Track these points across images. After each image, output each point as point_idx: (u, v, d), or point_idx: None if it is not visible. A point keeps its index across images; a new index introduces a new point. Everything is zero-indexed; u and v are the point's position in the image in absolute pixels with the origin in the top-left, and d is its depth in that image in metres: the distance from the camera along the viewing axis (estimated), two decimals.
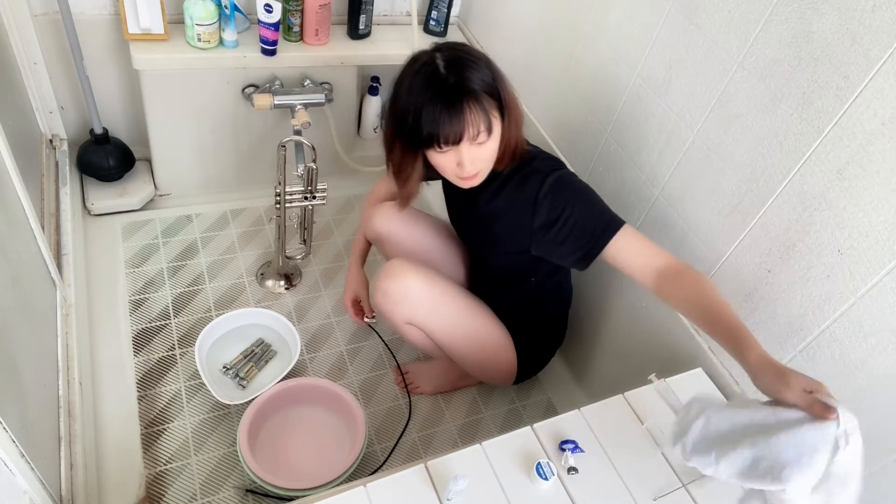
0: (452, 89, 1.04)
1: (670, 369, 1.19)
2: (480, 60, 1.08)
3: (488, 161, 1.13)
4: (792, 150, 1.00)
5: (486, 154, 1.11)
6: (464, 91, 1.04)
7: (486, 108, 1.05)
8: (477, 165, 1.11)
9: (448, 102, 1.03)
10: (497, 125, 1.09)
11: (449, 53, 1.08)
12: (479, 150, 1.09)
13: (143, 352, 1.53)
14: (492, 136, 1.08)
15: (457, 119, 1.04)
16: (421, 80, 1.06)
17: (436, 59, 1.07)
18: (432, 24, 1.94)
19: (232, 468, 1.36)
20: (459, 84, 1.04)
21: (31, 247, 1.29)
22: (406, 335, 1.41)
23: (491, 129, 1.07)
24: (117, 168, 1.78)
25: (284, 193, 1.56)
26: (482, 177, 1.16)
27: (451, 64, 1.06)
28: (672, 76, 1.22)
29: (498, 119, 1.09)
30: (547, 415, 1.33)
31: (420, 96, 1.05)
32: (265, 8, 1.56)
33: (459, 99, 1.03)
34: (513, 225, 1.22)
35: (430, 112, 1.04)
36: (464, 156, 1.08)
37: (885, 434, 0.92)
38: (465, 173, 1.11)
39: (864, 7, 0.87)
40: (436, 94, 1.04)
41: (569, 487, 0.96)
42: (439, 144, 1.06)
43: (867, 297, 0.92)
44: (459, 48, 1.11)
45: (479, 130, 1.05)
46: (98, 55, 1.66)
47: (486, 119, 1.05)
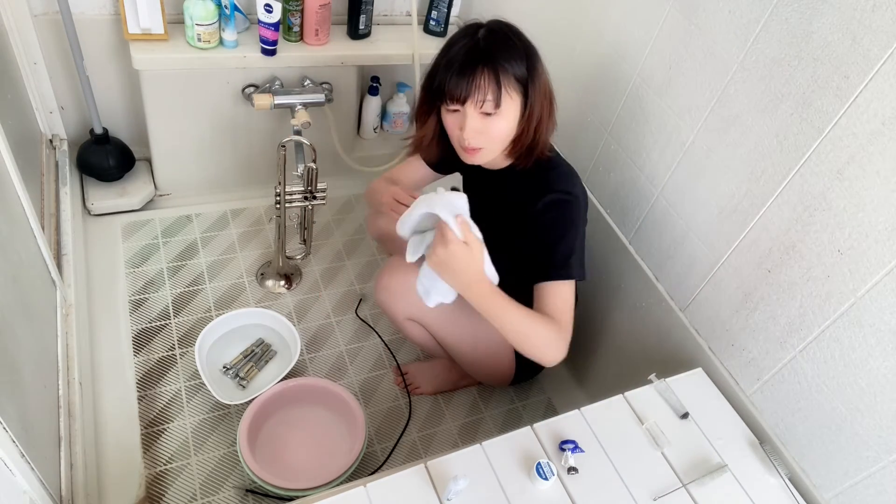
0: (475, 50, 1.06)
1: (670, 369, 1.19)
2: (523, 48, 1.08)
3: (495, 141, 1.12)
4: (792, 150, 1.00)
5: (493, 132, 1.10)
6: (484, 56, 1.05)
7: (500, 82, 1.05)
8: (479, 140, 1.10)
9: (465, 60, 1.06)
10: (510, 105, 1.08)
11: (497, 27, 1.09)
12: (484, 122, 1.08)
13: (143, 352, 1.53)
14: (501, 113, 1.08)
15: (466, 78, 1.05)
16: (458, 36, 1.10)
17: (482, 26, 1.09)
18: (432, 24, 1.94)
19: (232, 468, 1.36)
20: (485, 50, 1.05)
21: (31, 247, 1.29)
22: (406, 331, 1.41)
23: (500, 104, 1.06)
24: (117, 168, 1.78)
25: (284, 193, 1.56)
26: (485, 157, 1.15)
27: (492, 33, 1.08)
28: (672, 76, 1.22)
29: (514, 101, 1.08)
30: (547, 415, 1.33)
31: (449, 49, 1.09)
32: (265, 8, 1.56)
33: (476, 61, 1.05)
34: (513, 226, 1.22)
35: (449, 64, 1.07)
36: (467, 120, 1.08)
37: (885, 434, 0.92)
38: (465, 142, 1.11)
39: (864, 7, 0.87)
40: (460, 49, 1.07)
41: (569, 487, 0.96)
42: (446, 98, 1.09)
43: (867, 297, 0.92)
44: (511, 31, 1.10)
45: (485, 98, 1.05)
46: (98, 55, 1.66)
47: (496, 90, 1.05)
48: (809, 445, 1.05)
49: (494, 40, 1.07)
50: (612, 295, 1.47)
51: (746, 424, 1.12)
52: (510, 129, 1.11)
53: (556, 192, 1.14)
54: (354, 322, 1.71)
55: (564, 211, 1.15)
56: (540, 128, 1.13)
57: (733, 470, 1.03)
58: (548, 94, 1.12)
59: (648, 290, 1.36)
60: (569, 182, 1.17)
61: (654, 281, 1.35)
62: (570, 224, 1.15)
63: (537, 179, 1.17)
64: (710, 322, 1.22)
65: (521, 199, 1.19)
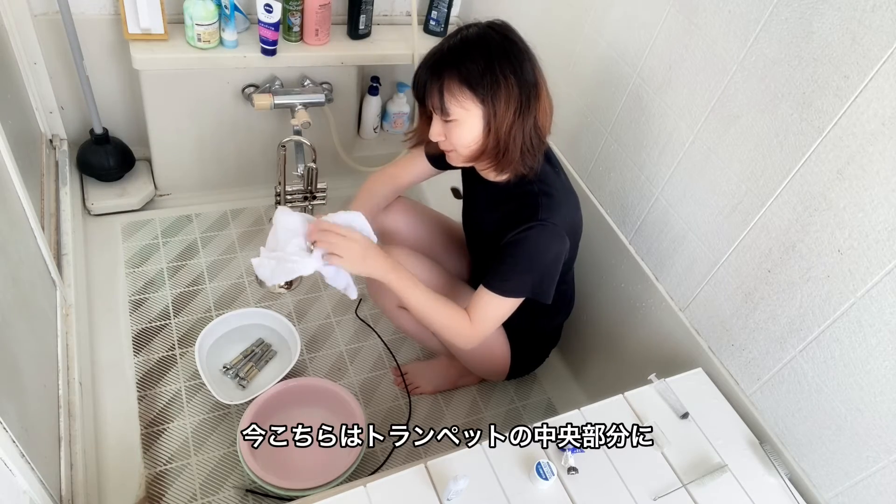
0: (437, 55, 1.07)
1: (670, 369, 1.19)
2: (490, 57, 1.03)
3: (459, 147, 1.12)
4: (792, 150, 1.00)
5: (454, 139, 1.10)
6: (440, 64, 1.06)
7: (445, 91, 1.05)
8: (446, 144, 1.13)
9: (426, 64, 1.08)
10: (464, 115, 1.06)
11: (474, 33, 1.07)
12: (445, 127, 1.10)
13: (143, 352, 1.52)
14: (457, 124, 1.07)
15: (421, 83, 1.08)
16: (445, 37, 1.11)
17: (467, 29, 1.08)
18: (432, 24, 1.94)
19: (232, 468, 1.36)
20: (440, 59, 1.06)
21: (31, 247, 1.29)
22: (398, 321, 1.42)
23: (446, 112, 1.06)
24: (117, 168, 1.78)
25: (284, 193, 1.56)
26: (456, 159, 1.16)
27: (465, 40, 1.07)
28: (672, 76, 1.22)
29: (469, 110, 1.06)
30: (547, 415, 1.33)
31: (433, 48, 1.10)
32: (265, 8, 1.56)
33: (431, 68, 1.07)
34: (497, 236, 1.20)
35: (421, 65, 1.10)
36: (432, 123, 1.11)
37: (885, 434, 0.92)
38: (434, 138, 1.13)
39: (864, 7, 0.87)
40: (433, 52, 1.08)
41: (569, 487, 0.96)
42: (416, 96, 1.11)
43: (867, 297, 0.92)
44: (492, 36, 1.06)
45: (434, 106, 1.07)
46: (98, 55, 1.65)
47: (440, 101, 1.06)
48: (809, 445, 1.05)
49: (459, 47, 1.06)
50: (612, 295, 1.47)
51: (746, 424, 1.12)
52: (471, 137, 1.09)
53: (534, 222, 1.10)
54: (354, 322, 1.71)
55: (532, 238, 1.11)
56: (509, 139, 1.07)
57: (733, 470, 1.03)
58: (517, 102, 1.05)
59: (648, 290, 1.36)
60: (553, 211, 1.12)
61: (654, 281, 1.35)
62: (534, 250, 1.12)
63: (523, 205, 1.13)
64: (710, 322, 1.22)
65: (503, 220, 1.17)
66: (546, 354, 1.53)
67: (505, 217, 1.17)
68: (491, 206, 1.24)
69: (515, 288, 1.14)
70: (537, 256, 1.13)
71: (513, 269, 1.14)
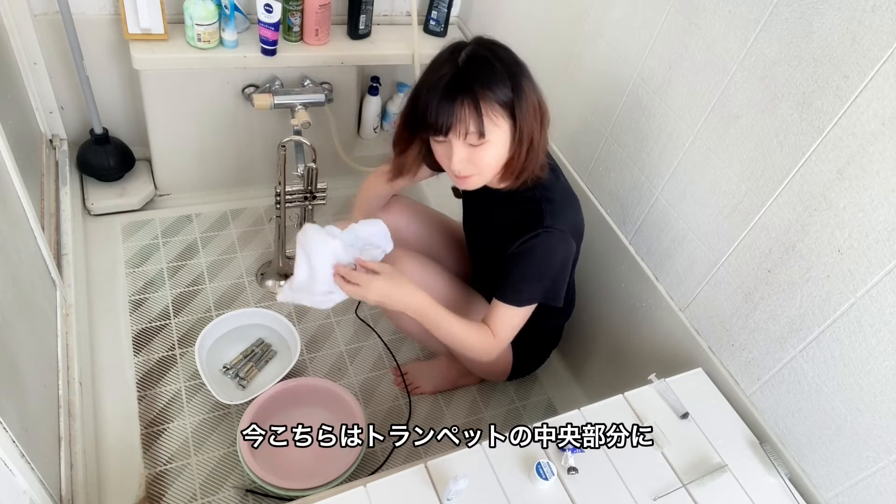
0: (455, 79, 1.01)
1: (670, 369, 1.19)
2: (506, 69, 1.02)
3: (486, 169, 1.08)
4: (792, 150, 1.00)
5: (483, 161, 1.06)
6: (464, 86, 1.00)
7: (483, 112, 1.00)
8: (469, 168, 1.07)
9: (445, 90, 1.01)
10: (497, 133, 1.03)
11: (478, 50, 1.04)
12: (472, 152, 1.05)
13: (143, 352, 1.52)
14: (489, 143, 1.03)
15: (446, 110, 1.01)
16: (440, 62, 1.05)
17: (464, 49, 1.04)
18: (432, 24, 1.94)
19: (232, 468, 1.36)
20: (464, 79, 1.01)
21: (31, 247, 1.29)
22: (400, 322, 1.42)
23: (484, 134, 1.01)
24: (117, 168, 1.78)
25: (284, 193, 1.56)
26: (478, 183, 1.11)
27: (472, 59, 1.03)
28: (672, 76, 1.22)
29: (501, 127, 1.03)
30: (547, 415, 1.33)
31: (430, 76, 1.04)
32: (265, 8, 1.56)
33: (455, 92, 1.00)
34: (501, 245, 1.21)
35: (429, 95, 1.02)
36: (454, 151, 1.05)
37: (885, 434, 0.92)
38: (454, 170, 1.08)
39: (864, 7, 0.87)
40: (440, 78, 1.02)
41: (569, 487, 0.96)
42: (429, 130, 1.05)
43: (867, 297, 0.92)
44: (492, 51, 1.05)
45: (467, 131, 1.01)
46: (98, 55, 1.65)
47: (478, 122, 1.00)
48: (809, 445, 1.05)
49: (475, 66, 1.02)
50: (612, 295, 1.47)
51: (746, 424, 1.12)
52: (500, 155, 1.07)
53: (539, 229, 1.11)
54: (354, 322, 1.71)
55: (539, 245, 1.12)
56: (532, 147, 1.08)
57: (733, 470, 1.03)
58: (538, 110, 1.06)
59: (648, 290, 1.36)
60: (557, 217, 1.12)
61: (654, 281, 1.35)
62: (542, 257, 1.13)
63: (527, 212, 1.13)
64: (710, 322, 1.22)
65: (507, 228, 1.17)
66: (547, 355, 1.53)
67: (508, 225, 1.17)
68: (492, 213, 1.24)
69: (529, 297, 1.16)
70: (546, 263, 1.14)
71: (523, 279, 1.15)
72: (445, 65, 1.03)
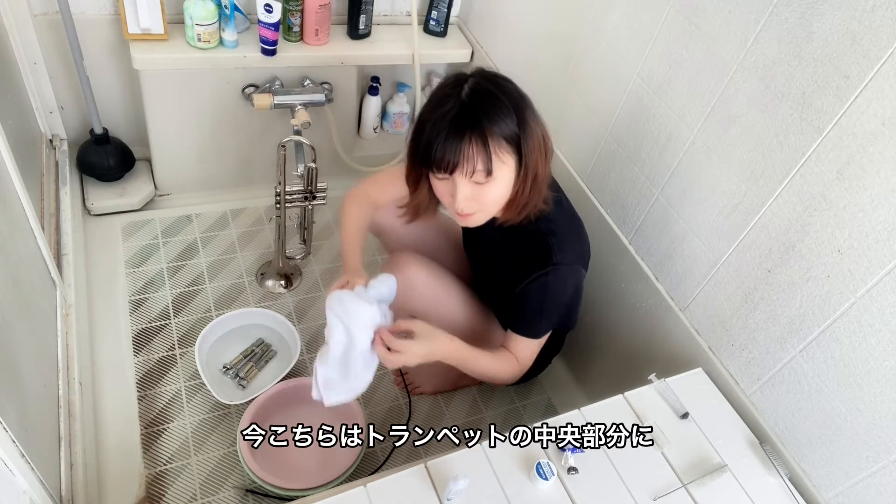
0: (460, 116, 0.98)
1: (670, 369, 1.19)
2: (511, 101, 1.00)
3: (490, 206, 1.06)
4: (792, 150, 1.00)
5: (488, 198, 1.04)
6: (471, 123, 0.97)
7: (491, 149, 0.98)
8: (472, 206, 1.05)
9: (451, 127, 0.98)
10: (505, 172, 1.01)
11: (482, 84, 1.01)
12: (477, 189, 1.02)
13: (143, 352, 1.52)
14: (495, 181, 1.01)
15: (453, 148, 0.98)
16: (442, 96, 1.01)
17: (466, 82, 1.01)
18: (432, 24, 1.94)
19: (232, 468, 1.36)
20: (470, 114, 0.98)
21: (31, 247, 1.29)
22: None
23: (491, 172, 0.99)
24: (117, 168, 1.78)
25: (284, 193, 1.56)
26: (481, 220, 1.09)
27: (476, 92, 1.00)
28: (672, 76, 1.22)
29: (507, 164, 1.01)
30: (547, 415, 1.33)
31: (434, 111, 1.01)
32: (265, 8, 1.56)
33: (463, 129, 0.97)
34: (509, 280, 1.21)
35: (434, 131, 0.99)
36: (458, 189, 1.02)
37: (885, 434, 0.92)
38: (457, 208, 1.05)
39: (864, 7, 0.87)
40: (444, 114, 0.99)
41: (569, 487, 0.96)
42: (433, 167, 1.02)
43: (867, 297, 0.92)
44: (496, 84, 1.02)
45: (475, 168, 0.98)
46: (98, 55, 1.65)
47: (486, 159, 0.98)
48: (809, 445, 1.05)
49: (480, 101, 0.99)
50: (612, 295, 1.47)
51: (746, 424, 1.12)
52: (505, 191, 1.05)
53: (547, 268, 1.10)
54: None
55: (550, 283, 1.12)
56: (536, 181, 1.05)
57: (733, 470, 1.03)
58: (542, 144, 1.04)
59: (648, 290, 1.36)
60: (565, 250, 1.11)
61: (654, 281, 1.35)
62: (554, 293, 1.14)
63: (534, 249, 1.12)
64: (710, 322, 1.22)
65: (513, 263, 1.17)
66: (549, 361, 1.53)
67: (515, 261, 1.17)
68: (496, 246, 1.22)
69: (546, 328, 1.19)
70: (559, 297, 1.16)
71: (539, 314, 1.16)
72: (449, 100, 1.00)
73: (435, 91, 1.05)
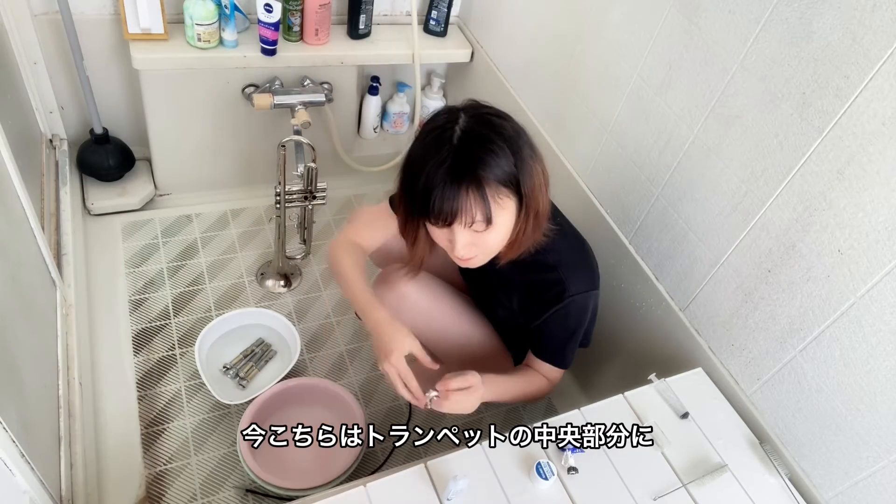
0: (455, 166, 0.92)
1: (670, 369, 1.19)
2: (506, 141, 0.94)
3: (491, 249, 1.03)
4: (792, 150, 1.00)
5: (488, 243, 1.00)
6: (467, 173, 0.92)
7: (489, 198, 0.93)
8: (472, 251, 1.01)
9: (447, 178, 0.92)
10: (504, 216, 0.97)
11: (472, 123, 0.96)
12: (477, 236, 0.98)
13: (143, 352, 1.52)
14: (495, 226, 0.97)
15: (450, 200, 0.93)
16: (433, 138, 0.96)
17: (456, 125, 0.95)
18: (432, 23, 1.94)
19: (232, 468, 1.36)
20: (465, 163, 0.92)
21: (31, 247, 1.29)
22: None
23: (491, 220, 0.95)
24: (117, 168, 1.78)
25: (284, 193, 1.56)
26: (480, 262, 1.06)
27: (469, 137, 0.94)
28: (672, 76, 1.22)
29: (508, 211, 0.97)
30: (547, 415, 1.33)
31: (426, 156, 0.95)
32: (265, 8, 1.56)
33: (459, 180, 0.92)
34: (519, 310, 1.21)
35: (429, 182, 0.94)
36: (457, 238, 0.98)
37: (885, 434, 0.92)
38: (457, 255, 1.02)
39: (864, 7, 0.87)
40: (438, 164, 0.93)
41: (569, 487, 0.96)
42: (430, 220, 0.97)
43: (867, 297, 0.92)
44: (492, 121, 0.97)
45: (473, 219, 0.94)
46: (98, 55, 1.65)
47: (485, 209, 0.93)
48: (809, 445, 1.05)
49: (474, 147, 0.93)
50: (612, 295, 1.47)
51: (746, 424, 1.12)
52: (506, 234, 1.01)
53: (566, 300, 1.09)
54: (354, 322, 1.71)
55: (570, 314, 1.12)
56: (538, 217, 1.02)
57: (733, 470, 1.03)
58: (542, 179, 1.00)
59: (648, 290, 1.36)
60: (578, 278, 1.10)
61: (654, 281, 1.35)
62: (575, 321, 1.14)
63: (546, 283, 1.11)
64: (710, 322, 1.22)
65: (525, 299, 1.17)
66: None
67: (526, 297, 1.17)
68: (502, 282, 1.20)
69: (570, 356, 1.20)
70: (578, 328, 1.16)
71: (562, 344, 1.17)
72: (442, 146, 0.94)
73: (425, 128, 0.99)
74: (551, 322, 1.14)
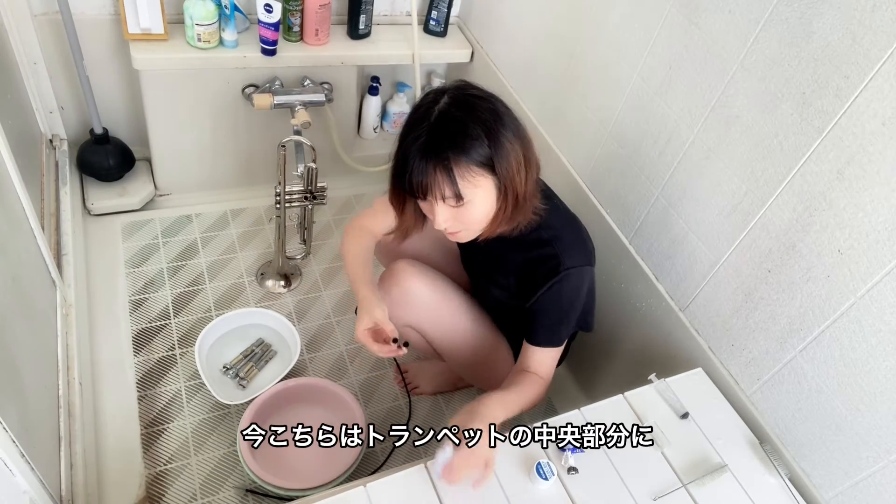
0: (427, 144, 0.97)
1: (670, 369, 1.19)
2: (481, 123, 0.97)
3: (473, 225, 1.06)
4: (792, 150, 1.00)
5: (469, 218, 1.04)
6: (435, 151, 0.97)
7: (457, 177, 0.97)
8: (455, 225, 1.06)
9: (419, 155, 0.98)
10: (479, 194, 1.00)
11: (452, 106, 0.99)
12: (455, 212, 1.02)
13: (143, 352, 1.52)
14: (471, 203, 1.00)
15: (420, 176, 0.98)
16: (418, 114, 1.01)
17: (436, 105, 0.99)
18: (432, 23, 1.94)
19: (232, 468, 1.36)
20: (436, 142, 0.97)
21: (31, 247, 1.29)
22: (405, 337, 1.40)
23: (461, 197, 0.98)
24: (117, 168, 1.78)
25: (284, 193, 1.56)
26: (468, 237, 1.10)
27: (445, 118, 0.98)
28: (672, 76, 1.22)
29: (482, 186, 0.99)
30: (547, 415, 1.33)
31: (409, 132, 1.00)
32: (265, 8, 1.56)
33: (428, 157, 0.97)
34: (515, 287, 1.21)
35: (405, 156, 1.00)
36: (436, 212, 1.02)
37: (885, 434, 0.92)
38: (437, 227, 1.06)
39: (864, 7, 0.87)
40: (414, 140, 0.98)
41: (569, 487, 0.96)
42: (407, 192, 1.03)
43: (867, 297, 0.92)
44: (471, 102, 1.00)
45: (443, 196, 0.99)
46: (98, 55, 1.65)
47: (453, 187, 0.97)
48: (809, 445, 1.05)
49: (447, 128, 0.97)
50: (612, 295, 1.47)
51: (746, 424, 1.12)
52: (486, 211, 1.03)
53: (558, 275, 1.09)
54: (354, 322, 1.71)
55: (564, 289, 1.12)
56: (519, 198, 1.04)
57: (733, 470, 1.03)
58: (521, 162, 1.01)
59: (648, 290, 1.36)
60: (572, 253, 1.11)
61: (654, 281, 1.35)
62: (569, 298, 1.13)
63: (540, 258, 1.12)
64: (710, 322, 1.22)
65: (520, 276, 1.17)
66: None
67: (521, 273, 1.16)
68: (498, 259, 1.21)
69: (564, 334, 1.17)
70: (574, 300, 1.15)
71: (558, 321, 1.15)
72: (421, 123, 0.99)
73: (414, 107, 1.04)
74: (547, 298, 1.13)
